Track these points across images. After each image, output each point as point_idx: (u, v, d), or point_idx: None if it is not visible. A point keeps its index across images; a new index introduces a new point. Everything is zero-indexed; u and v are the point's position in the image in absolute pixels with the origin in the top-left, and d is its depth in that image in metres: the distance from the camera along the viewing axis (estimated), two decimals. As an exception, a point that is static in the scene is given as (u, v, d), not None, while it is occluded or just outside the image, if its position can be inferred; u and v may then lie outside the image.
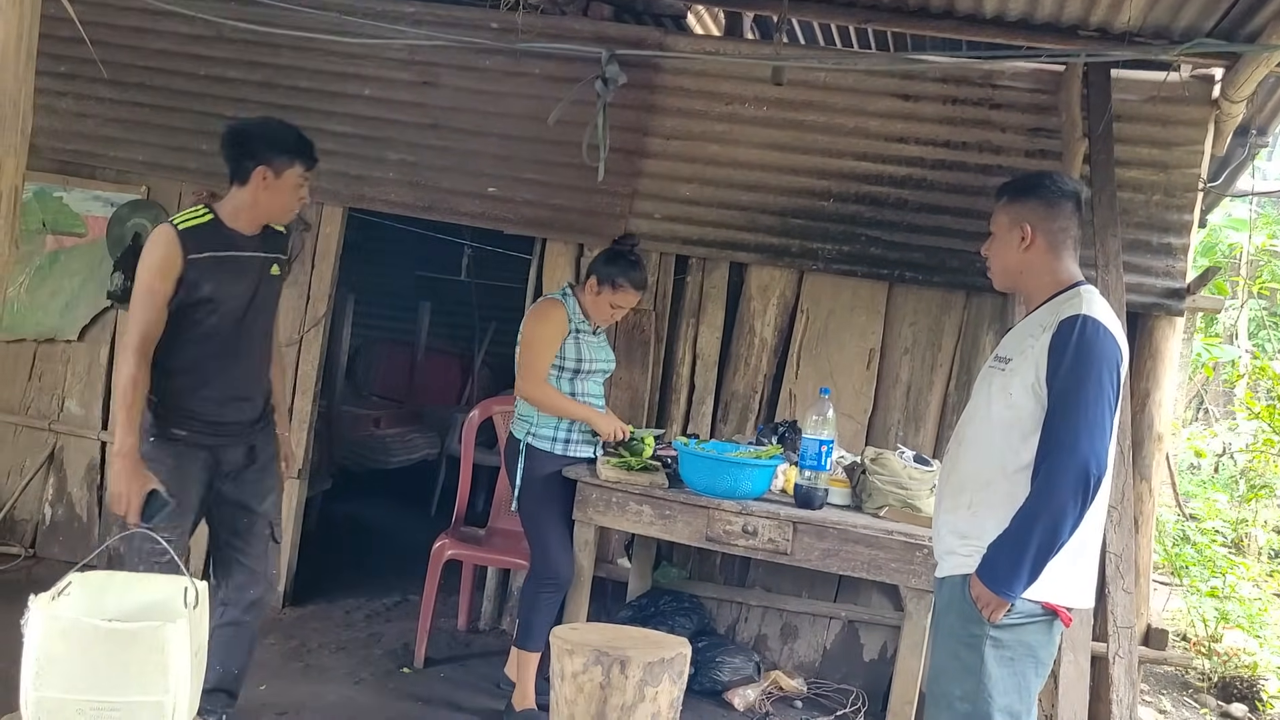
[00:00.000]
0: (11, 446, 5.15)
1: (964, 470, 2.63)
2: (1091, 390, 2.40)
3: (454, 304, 8.58)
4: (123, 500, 2.93)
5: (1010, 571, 2.43)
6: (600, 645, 3.35)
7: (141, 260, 3.05)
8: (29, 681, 2.09)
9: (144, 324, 2.99)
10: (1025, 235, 2.62)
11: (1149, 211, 4.38)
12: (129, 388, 2.96)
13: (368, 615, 4.92)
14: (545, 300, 3.97)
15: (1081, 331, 2.42)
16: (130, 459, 2.94)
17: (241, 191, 3.15)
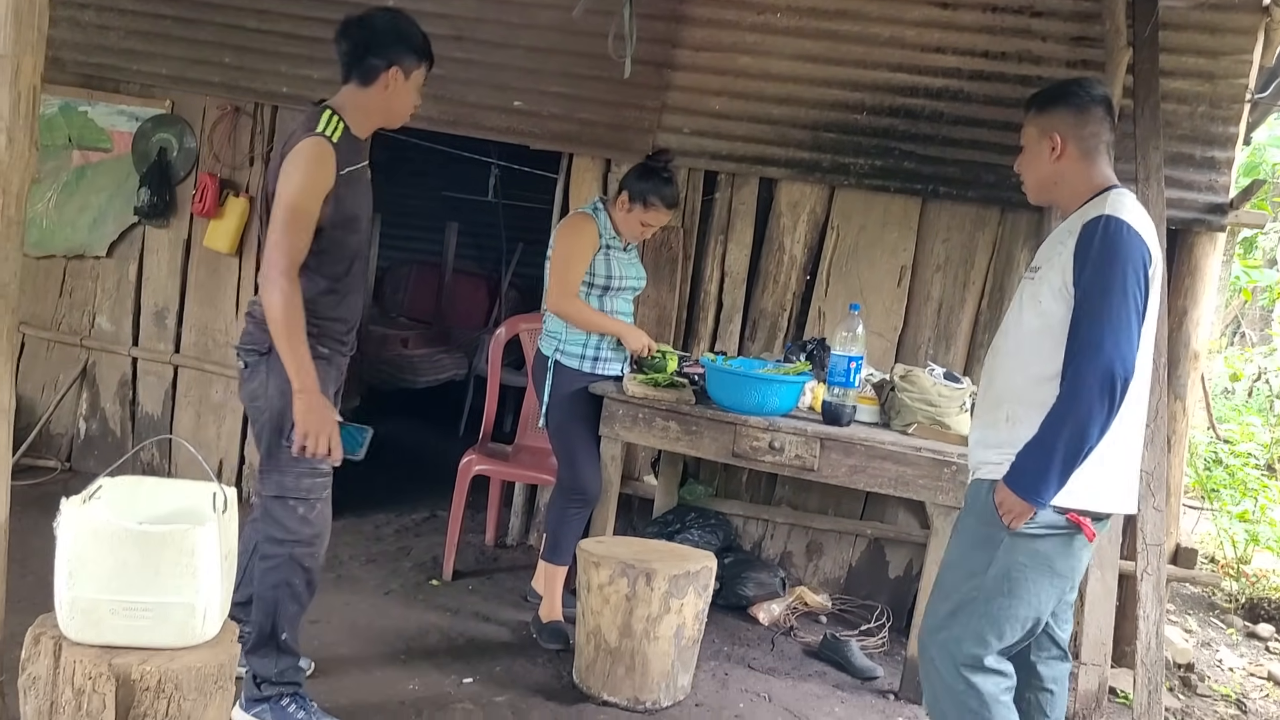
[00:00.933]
0: (45, 362, 5.20)
1: (1000, 383, 2.60)
2: (1116, 290, 2.35)
3: (481, 225, 8.53)
4: (320, 439, 2.72)
5: (1038, 477, 2.40)
6: (626, 558, 3.38)
7: (290, 174, 2.71)
8: (62, 581, 2.12)
9: (295, 248, 2.71)
10: (1056, 145, 2.58)
11: (1193, 124, 4.25)
12: (291, 314, 2.68)
13: (397, 530, 4.98)
14: (576, 214, 3.93)
15: (1105, 230, 2.38)
16: (315, 394, 2.72)
17: (363, 93, 2.85)
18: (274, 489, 2.84)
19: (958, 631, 2.54)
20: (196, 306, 5.04)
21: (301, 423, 2.72)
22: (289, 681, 2.92)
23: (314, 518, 2.87)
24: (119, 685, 2.07)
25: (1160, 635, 3.53)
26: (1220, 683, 4.48)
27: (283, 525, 2.84)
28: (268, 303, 2.68)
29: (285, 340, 2.68)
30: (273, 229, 2.73)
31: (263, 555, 2.87)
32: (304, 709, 2.91)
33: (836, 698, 3.71)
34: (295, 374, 2.70)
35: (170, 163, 4.98)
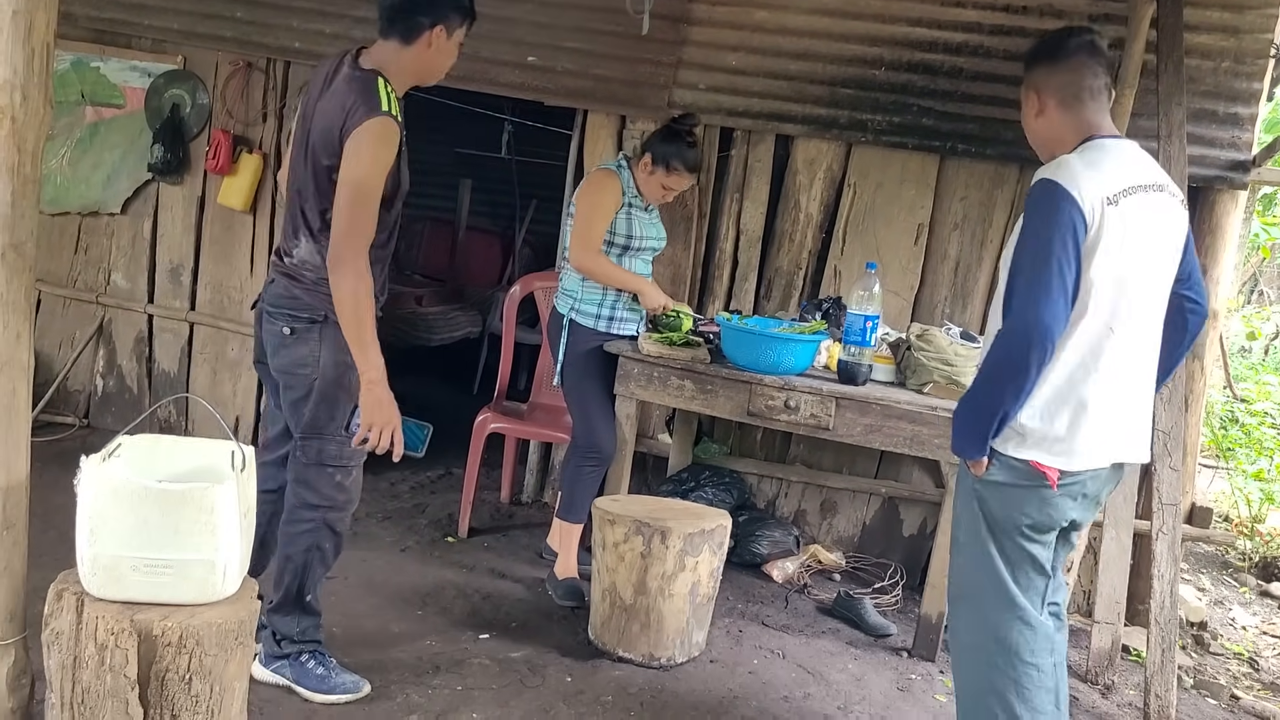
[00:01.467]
0: (61, 319, 5.22)
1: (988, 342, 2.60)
2: (1037, 253, 2.34)
3: (495, 182, 8.49)
4: (385, 433, 2.68)
5: (959, 431, 2.51)
6: (641, 516, 3.40)
7: (360, 153, 2.62)
8: (84, 538, 2.13)
9: (367, 231, 2.65)
10: (1035, 102, 2.57)
11: (1216, 79, 4.18)
12: (365, 302, 2.62)
13: (413, 487, 5.01)
14: (600, 170, 3.90)
15: (1033, 192, 2.39)
16: (383, 386, 2.67)
17: (404, 52, 2.75)
18: (314, 456, 2.81)
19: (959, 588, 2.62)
20: (211, 263, 5.04)
21: (369, 415, 2.67)
22: (310, 640, 2.96)
23: (349, 484, 2.88)
24: (141, 640, 2.09)
25: (1174, 594, 3.53)
26: (1233, 641, 4.50)
27: (318, 491, 2.83)
28: (341, 288, 2.61)
29: (356, 328, 2.63)
30: (340, 211, 2.64)
31: (294, 519, 2.86)
32: (323, 665, 2.94)
33: (850, 654, 3.73)
34: (366, 365, 2.65)
35: (183, 119, 4.96)
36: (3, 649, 2.28)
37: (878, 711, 3.32)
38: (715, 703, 3.22)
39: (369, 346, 2.64)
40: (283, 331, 2.80)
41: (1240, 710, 3.76)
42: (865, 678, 3.56)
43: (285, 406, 2.87)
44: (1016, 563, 2.51)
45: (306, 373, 2.78)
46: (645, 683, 3.28)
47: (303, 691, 2.91)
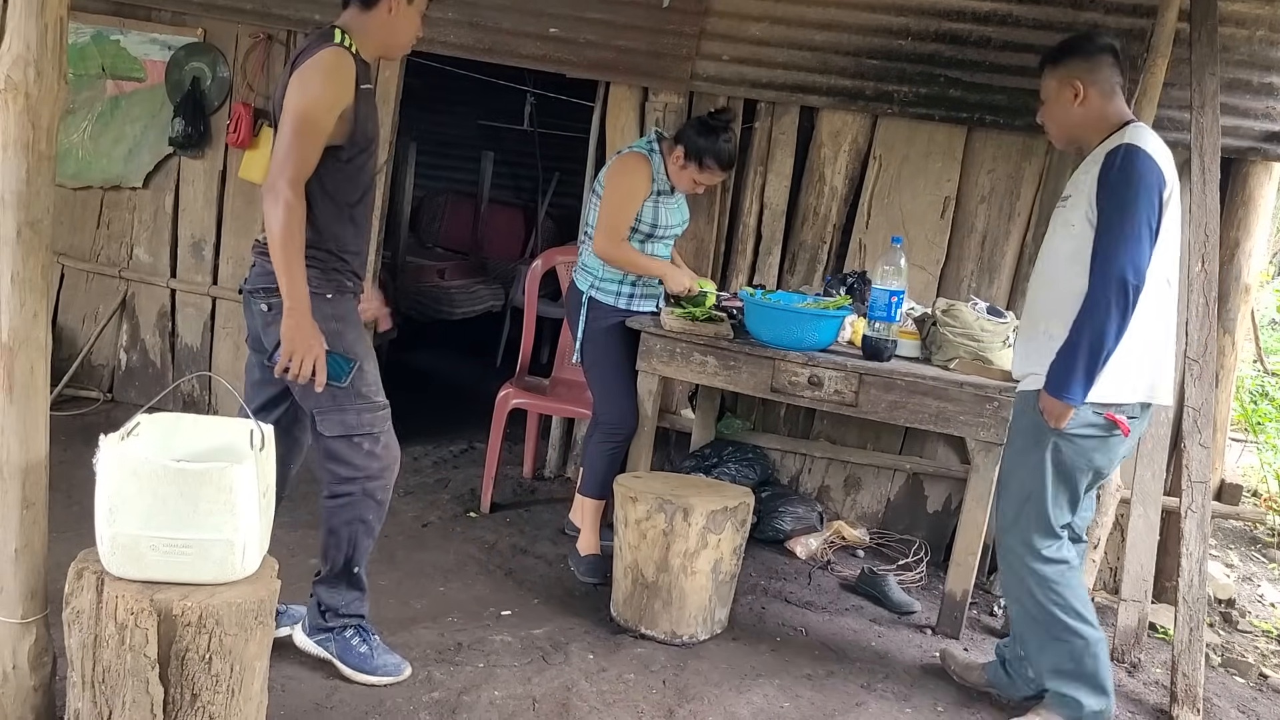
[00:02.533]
0: (85, 293, 5.23)
1: (1039, 301, 2.97)
2: (1130, 208, 2.68)
3: (517, 154, 8.45)
4: (306, 362, 2.60)
5: (1066, 377, 2.76)
6: (664, 493, 3.38)
7: (306, 82, 2.57)
8: (103, 518, 2.13)
9: (302, 157, 2.56)
10: (1077, 91, 2.89)
11: (1251, 49, 4.08)
12: (292, 226, 2.53)
13: (435, 462, 5.01)
14: (631, 154, 3.80)
15: (1124, 157, 2.70)
16: (305, 314, 2.59)
17: (364, 16, 2.73)
18: (337, 429, 2.77)
19: (1024, 524, 2.96)
20: (233, 238, 5.04)
21: (289, 341, 2.59)
22: (355, 614, 2.95)
23: (380, 451, 2.83)
24: (161, 620, 2.09)
25: (1203, 573, 3.48)
26: (1261, 618, 4.44)
27: (351, 463, 2.80)
28: (270, 214, 2.55)
29: (282, 249, 2.54)
30: (280, 139, 2.58)
31: (334, 494, 2.83)
32: (366, 642, 2.94)
33: (873, 632, 3.71)
34: (289, 290, 2.56)
35: (204, 92, 4.94)
36: (24, 627, 2.29)
37: (901, 690, 3.30)
38: (738, 680, 3.21)
39: (295, 272, 2.56)
40: (262, 309, 2.76)
41: (1268, 689, 3.71)
42: (889, 655, 3.53)
43: (294, 390, 2.80)
44: (1064, 505, 2.96)
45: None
46: (668, 660, 3.27)
47: (344, 669, 2.91)
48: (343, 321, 2.76)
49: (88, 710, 2.15)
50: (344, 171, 2.72)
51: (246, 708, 2.24)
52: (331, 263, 2.75)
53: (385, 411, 2.86)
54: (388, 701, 2.84)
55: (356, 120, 2.68)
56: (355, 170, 2.75)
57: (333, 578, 2.91)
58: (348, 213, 2.77)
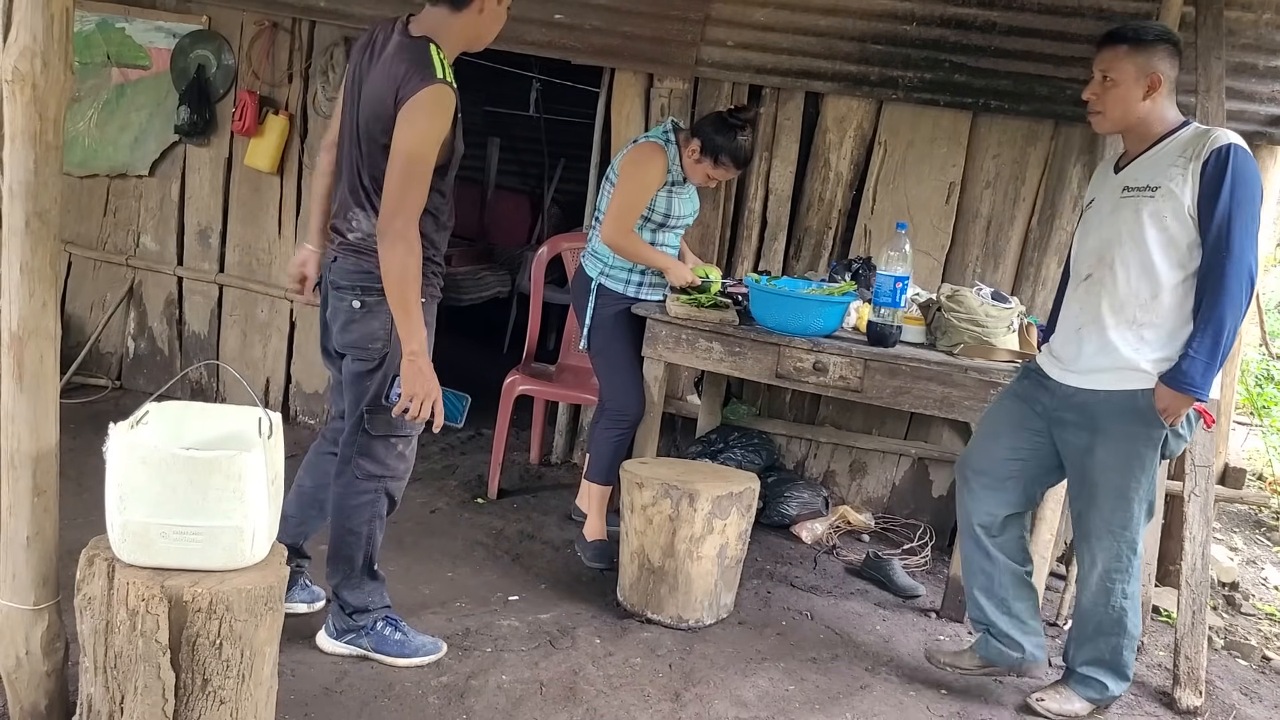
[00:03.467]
0: (92, 281, 5.25)
1: (1121, 291, 2.88)
2: (1249, 206, 2.72)
3: (523, 140, 8.45)
4: (426, 404, 2.68)
5: (1207, 374, 2.76)
6: (670, 479, 3.39)
7: (414, 122, 2.59)
8: (113, 505, 2.15)
9: (418, 202, 2.62)
10: (1156, 84, 2.85)
11: (1257, 32, 4.06)
12: (412, 272, 2.61)
13: (442, 449, 5.03)
14: (648, 143, 3.80)
15: (1236, 158, 2.72)
16: (424, 358, 2.68)
17: (455, 18, 2.72)
18: (383, 429, 2.83)
19: (1136, 526, 2.96)
20: (239, 226, 5.05)
21: (410, 385, 2.67)
22: (381, 605, 2.99)
23: (408, 453, 2.92)
24: (171, 606, 2.11)
25: (1206, 557, 3.49)
26: (1264, 601, 4.46)
27: (382, 462, 2.86)
28: (388, 258, 2.60)
29: (401, 298, 2.61)
30: (392, 179, 2.61)
31: (354, 491, 2.88)
32: (399, 629, 2.98)
33: (878, 615, 3.73)
34: (409, 335, 2.65)
35: (209, 80, 4.94)
36: (36, 613, 2.32)
37: (905, 673, 3.32)
38: (743, 664, 3.23)
39: (413, 318, 2.64)
40: (352, 305, 2.79)
41: (1271, 671, 3.73)
42: (893, 639, 3.56)
43: (347, 379, 2.85)
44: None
45: (378, 346, 2.78)
46: (674, 644, 3.29)
47: (385, 659, 2.95)
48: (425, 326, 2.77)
49: (100, 695, 2.17)
50: (438, 188, 2.76)
51: (257, 692, 2.26)
52: (427, 269, 2.76)
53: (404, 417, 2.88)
54: (396, 686, 2.87)
55: (450, 145, 2.72)
56: (445, 184, 2.80)
57: (354, 577, 2.95)
58: (442, 220, 2.83)
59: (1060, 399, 3.02)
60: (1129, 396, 2.87)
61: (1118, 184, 2.96)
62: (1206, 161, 2.74)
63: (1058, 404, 3.03)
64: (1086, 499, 3.01)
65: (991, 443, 3.20)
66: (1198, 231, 2.78)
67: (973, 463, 3.22)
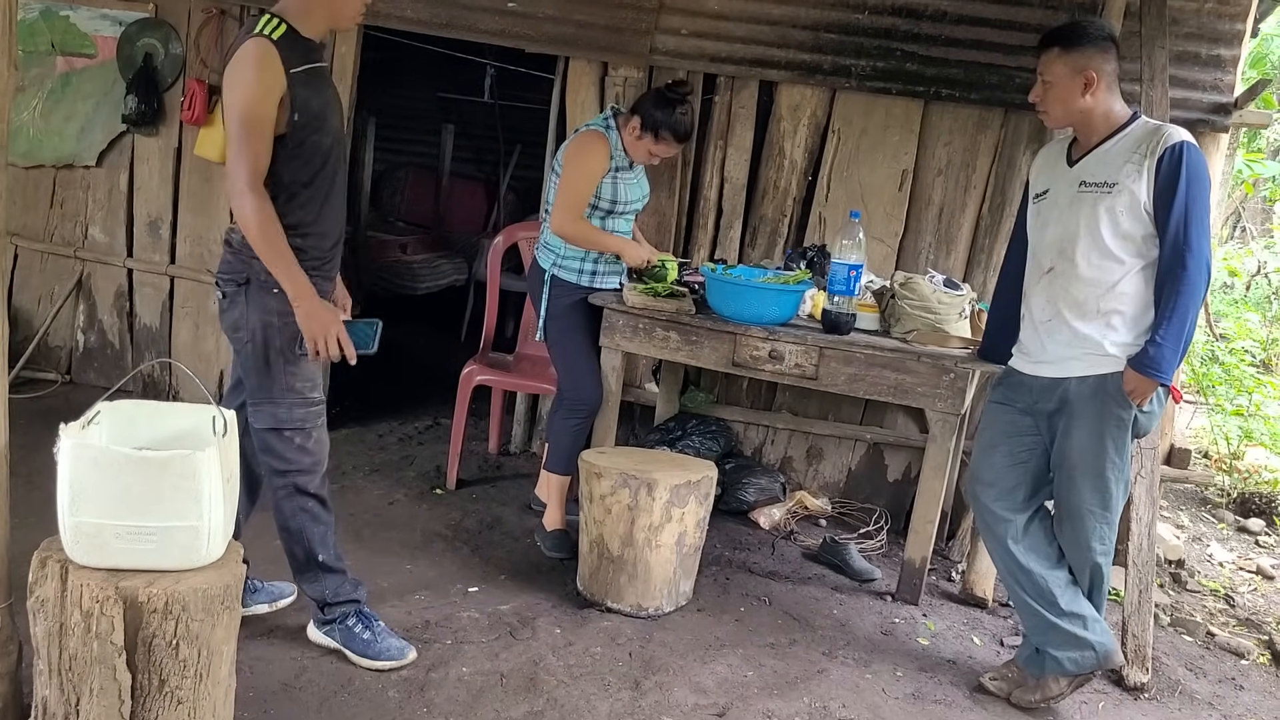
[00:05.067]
0: (39, 274, 5.17)
1: (1083, 282, 2.98)
2: (1203, 201, 2.84)
3: (478, 127, 8.39)
4: (330, 338, 2.69)
5: (1173, 359, 2.88)
6: (628, 469, 3.41)
7: (235, 81, 2.59)
8: (65, 507, 2.13)
9: (254, 155, 2.59)
10: (1090, 80, 2.94)
11: (1199, 21, 4.15)
12: (266, 226, 2.59)
13: (400, 439, 5.02)
14: (588, 132, 3.81)
15: (1190, 155, 2.83)
16: (312, 298, 2.67)
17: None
18: (268, 421, 2.81)
19: (1116, 506, 3.07)
20: (190, 216, 4.99)
21: (306, 329, 2.69)
22: (347, 600, 2.97)
23: (311, 445, 2.86)
24: (127, 607, 2.09)
25: (1152, 536, 3.57)
26: (1210, 577, 4.56)
27: (282, 456, 2.83)
28: (242, 219, 2.61)
29: (268, 250, 2.62)
30: (229, 143, 2.62)
31: (273, 487, 2.89)
32: (369, 628, 2.97)
33: (835, 600, 3.78)
34: (288, 283, 2.65)
35: (157, 69, 4.87)
36: (-10, 616, 2.29)
37: (862, 656, 3.37)
38: (702, 651, 3.27)
39: (288, 266, 2.65)
40: (218, 297, 2.82)
41: (1216, 647, 3.82)
42: (850, 623, 3.61)
43: (241, 375, 2.89)
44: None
45: (243, 336, 2.78)
46: (634, 633, 3.32)
47: (351, 656, 2.94)
48: (290, 315, 2.74)
49: (55, 698, 2.16)
50: (293, 155, 2.70)
51: (215, 691, 2.26)
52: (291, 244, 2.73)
53: (319, 408, 2.87)
54: (356, 680, 2.87)
55: (295, 104, 2.66)
56: (306, 152, 2.72)
57: (303, 570, 2.94)
58: (302, 195, 2.75)
59: (1037, 392, 3.12)
60: (1099, 380, 2.97)
61: (1073, 178, 3.03)
62: (1161, 158, 2.85)
63: (1036, 397, 3.12)
64: (1066, 482, 3.09)
65: (990, 454, 3.25)
66: (1153, 225, 2.89)
67: (979, 477, 3.28)
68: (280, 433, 2.82)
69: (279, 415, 2.81)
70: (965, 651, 3.51)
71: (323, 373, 2.99)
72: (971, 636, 3.63)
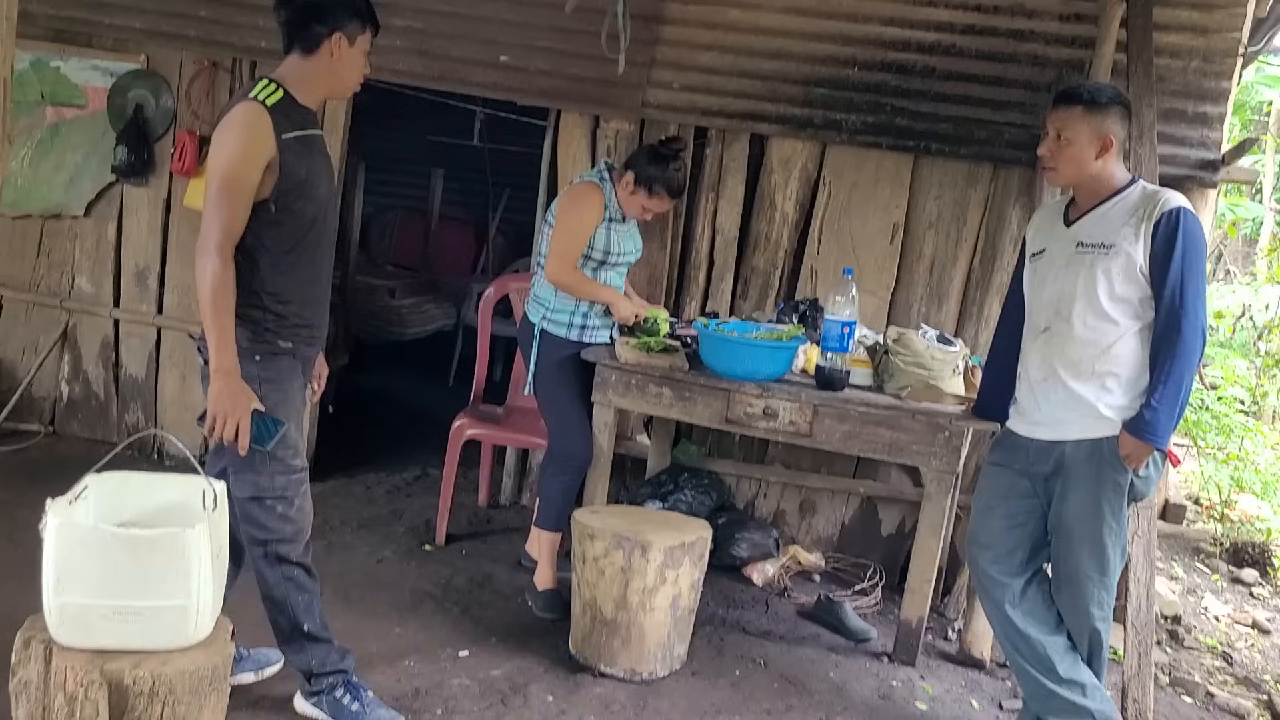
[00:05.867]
0: (25, 324, 5.12)
1: (1078, 343, 2.97)
2: (1200, 267, 2.86)
3: (467, 170, 8.41)
4: (229, 424, 2.57)
5: (1168, 424, 2.86)
6: (621, 529, 3.37)
7: (223, 142, 2.61)
8: (50, 587, 2.09)
9: (229, 217, 2.57)
10: (1108, 145, 2.95)
11: (1186, 79, 4.18)
12: (219, 291, 2.55)
13: (388, 490, 4.96)
14: (584, 183, 3.83)
15: (1186, 221, 2.86)
16: (232, 377, 2.58)
17: (306, 62, 2.73)
18: (249, 490, 2.73)
19: (1115, 572, 3.03)
20: (179, 267, 4.95)
21: (213, 404, 2.59)
22: (334, 670, 2.89)
23: (293, 514, 2.79)
24: (112, 691, 2.05)
25: (1151, 598, 3.55)
26: (1206, 634, 4.53)
27: (263, 526, 2.75)
28: (200, 276, 2.58)
29: (211, 315, 2.57)
30: (206, 201, 2.61)
31: (254, 556, 2.81)
32: (357, 698, 2.88)
33: (831, 661, 3.73)
34: (216, 351, 2.58)
35: (147, 119, 4.85)
36: (-30, 698, 2.24)
37: (859, 722, 3.33)
38: (698, 718, 3.21)
39: (221, 337, 2.58)
40: (200, 364, 2.77)
41: (1215, 708, 3.79)
42: (847, 686, 3.56)
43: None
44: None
45: None
46: (628, 699, 3.26)
47: None
48: (269, 384, 2.71)
49: (38, 783, 2.10)
50: (276, 221, 2.69)
51: (202, 773, 2.21)
52: (266, 321, 2.72)
53: (301, 475, 2.81)
54: (346, 753, 2.81)
55: (283, 170, 2.65)
56: (290, 218, 2.71)
57: (288, 641, 2.87)
58: (283, 262, 2.73)
59: (1034, 454, 3.08)
60: (1095, 444, 2.95)
61: (1070, 238, 3.03)
62: (1158, 223, 2.86)
63: (1033, 459, 3.09)
64: (1064, 546, 3.05)
65: (987, 517, 3.21)
66: (1150, 288, 2.90)
67: (976, 540, 3.24)
68: (262, 501, 2.74)
69: (260, 484, 2.73)
70: (964, 716, 3.47)
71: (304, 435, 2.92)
72: (970, 700, 3.58)
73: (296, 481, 2.78)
